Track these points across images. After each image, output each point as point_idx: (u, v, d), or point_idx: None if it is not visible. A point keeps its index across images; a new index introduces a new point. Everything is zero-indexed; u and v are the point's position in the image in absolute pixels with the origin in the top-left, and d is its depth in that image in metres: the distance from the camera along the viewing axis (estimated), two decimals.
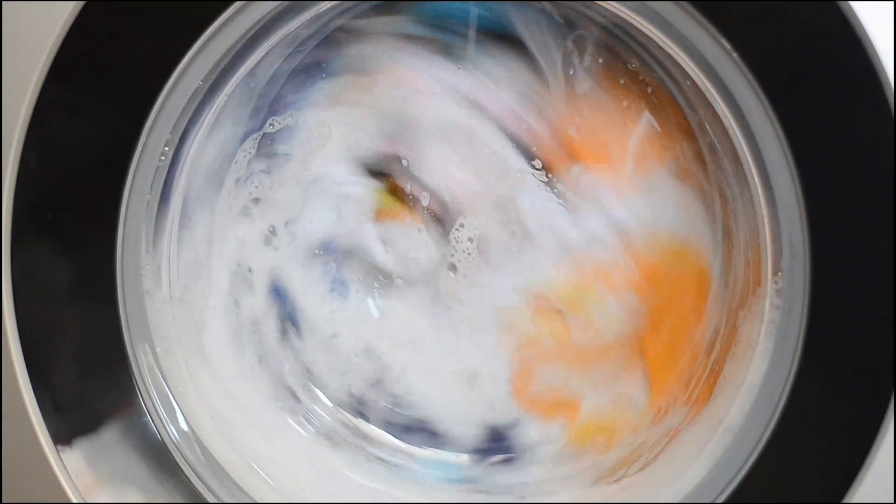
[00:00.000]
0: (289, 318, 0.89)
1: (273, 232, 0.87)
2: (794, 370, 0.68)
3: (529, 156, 0.84)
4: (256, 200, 0.86)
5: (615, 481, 0.82)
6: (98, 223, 0.71)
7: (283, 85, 0.83)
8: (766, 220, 0.72)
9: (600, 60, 0.81)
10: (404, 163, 0.85)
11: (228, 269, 0.86)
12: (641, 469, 0.81)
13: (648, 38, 0.72)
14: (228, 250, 0.86)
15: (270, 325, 0.89)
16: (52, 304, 0.72)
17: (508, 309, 0.87)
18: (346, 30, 0.82)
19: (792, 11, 0.63)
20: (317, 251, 0.88)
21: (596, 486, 0.83)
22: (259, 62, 0.78)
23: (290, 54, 0.81)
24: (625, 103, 0.81)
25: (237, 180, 0.85)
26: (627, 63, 0.80)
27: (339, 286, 0.90)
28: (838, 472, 0.66)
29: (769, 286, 0.72)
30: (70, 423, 0.72)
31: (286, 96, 0.84)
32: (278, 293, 0.89)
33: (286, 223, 0.88)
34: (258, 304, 0.88)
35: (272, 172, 0.86)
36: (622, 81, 0.81)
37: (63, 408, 0.71)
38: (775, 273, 0.72)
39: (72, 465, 0.70)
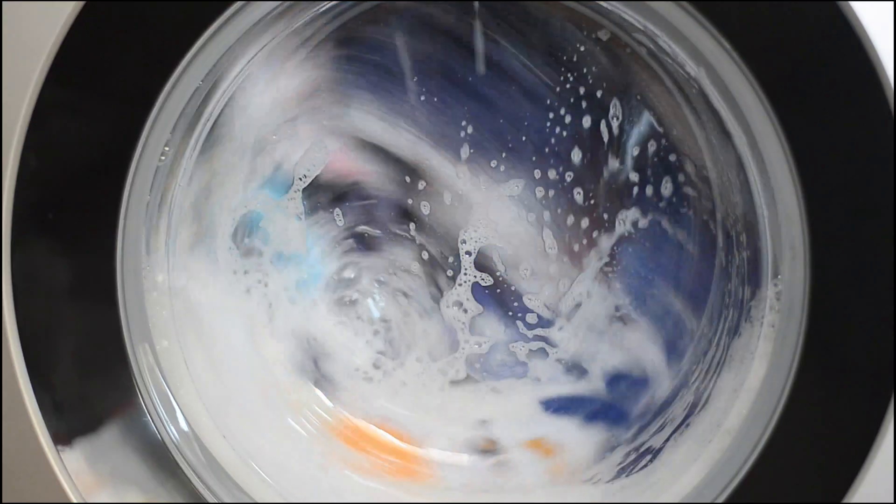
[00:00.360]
0: (287, 319, 0.89)
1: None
2: (793, 372, 0.68)
3: None
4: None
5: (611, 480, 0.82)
6: (98, 223, 0.71)
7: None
8: (766, 222, 0.72)
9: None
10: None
11: (227, 269, 0.86)
12: (640, 469, 0.81)
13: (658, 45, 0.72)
14: (227, 250, 0.86)
15: (270, 323, 0.88)
16: (52, 304, 0.72)
17: None
18: None
19: (792, 11, 0.63)
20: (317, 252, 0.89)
21: (595, 485, 0.83)
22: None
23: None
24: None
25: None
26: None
27: (337, 285, 0.90)
28: (838, 472, 0.66)
29: (769, 290, 0.72)
30: (70, 423, 0.72)
31: None
32: (277, 293, 0.89)
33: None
34: (257, 303, 0.88)
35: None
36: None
37: (63, 408, 0.71)
38: (775, 276, 0.72)
39: (72, 465, 0.70)
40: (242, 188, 0.85)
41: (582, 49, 0.81)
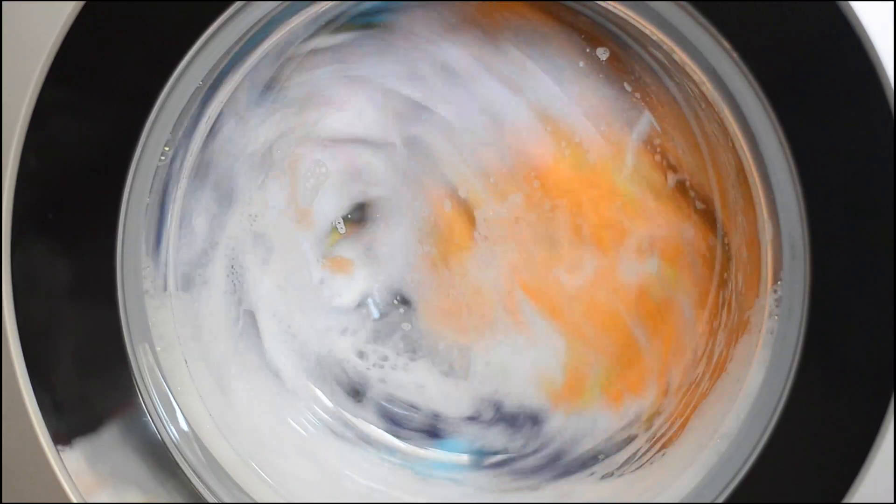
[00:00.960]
0: (288, 318, 0.89)
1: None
2: (793, 374, 0.68)
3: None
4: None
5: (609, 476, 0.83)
6: (98, 223, 0.71)
7: None
8: (766, 224, 0.72)
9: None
10: None
11: (227, 268, 0.86)
12: (637, 470, 0.81)
13: (659, 46, 0.72)
14: (227, 250, 0.86)
15: (270, 324, 0.88)
16: (52, 304, 0.72)
17: None
18: None
19: (792, 11, 0.63)
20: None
21: (597, 484, 0.83)
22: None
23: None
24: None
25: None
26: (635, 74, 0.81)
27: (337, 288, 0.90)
28: (838, 472, 0.66)
29: (769, 297, 0.72)
30: (70, 423, 0.72)
31: None
32: (276, 293, 0.89)
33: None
34: (256, 303, 0.88)
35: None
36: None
37: (63, 408, 0.71)
38: (775, 282, 0.72)
39: (72, 465, 0.70)
40: None
41: None
